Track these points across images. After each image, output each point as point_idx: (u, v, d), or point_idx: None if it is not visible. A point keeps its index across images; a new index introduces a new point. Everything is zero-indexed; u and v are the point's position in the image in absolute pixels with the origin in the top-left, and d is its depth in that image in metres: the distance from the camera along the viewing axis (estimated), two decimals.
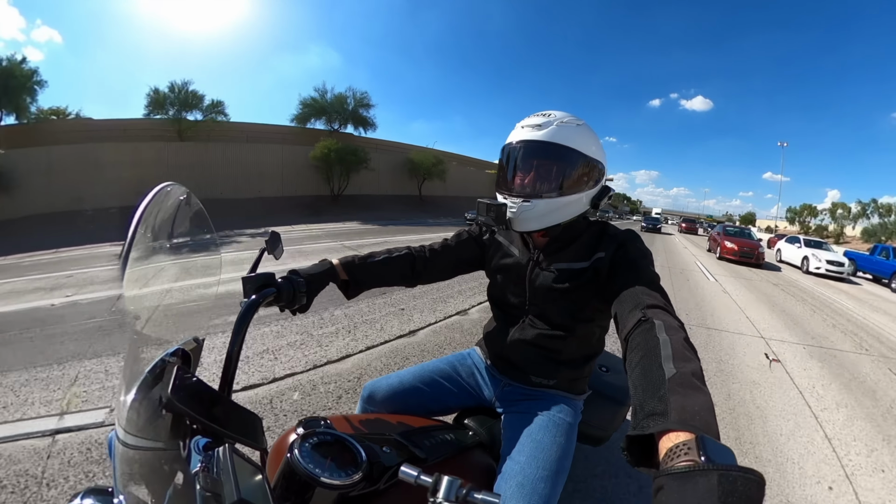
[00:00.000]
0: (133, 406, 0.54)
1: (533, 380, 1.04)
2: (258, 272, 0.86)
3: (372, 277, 1.07)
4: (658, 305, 0.70)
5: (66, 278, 5.57)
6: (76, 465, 1.72)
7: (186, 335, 0.71)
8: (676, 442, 0.42)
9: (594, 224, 1.04)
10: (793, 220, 49.98)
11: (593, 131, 0.98)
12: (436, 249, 1.16)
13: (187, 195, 0.71)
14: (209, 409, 0.58)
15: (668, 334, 0.60)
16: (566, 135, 0.92)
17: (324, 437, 0.67)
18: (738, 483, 0.35)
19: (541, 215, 0.94)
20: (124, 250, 0.54)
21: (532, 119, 0.96)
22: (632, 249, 0.92)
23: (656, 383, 0.51)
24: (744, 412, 2.70)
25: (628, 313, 0.71)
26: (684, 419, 0.44)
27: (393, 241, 9.28)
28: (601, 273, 0.92)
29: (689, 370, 0.52)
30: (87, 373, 2.58)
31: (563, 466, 0.89)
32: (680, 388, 0.49)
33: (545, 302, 1.00)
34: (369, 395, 1.10)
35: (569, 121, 0.95)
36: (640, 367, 0.56)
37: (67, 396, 2.27)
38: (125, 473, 0.52)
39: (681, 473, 0.37)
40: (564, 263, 0.98)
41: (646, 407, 0.49)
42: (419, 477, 0.59)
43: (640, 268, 0.85)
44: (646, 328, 0.63)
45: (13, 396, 2.27)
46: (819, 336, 4.90)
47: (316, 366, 2.80)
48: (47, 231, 12.04)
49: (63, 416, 2.08)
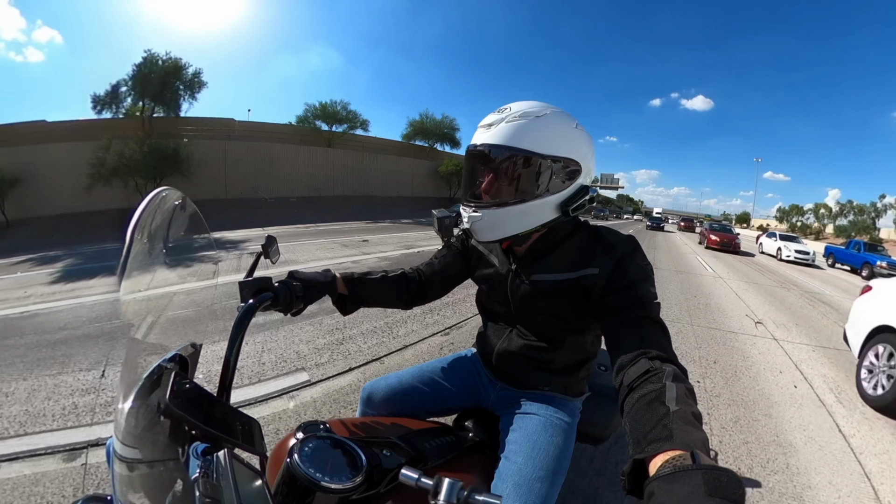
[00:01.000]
0: (131, 413, 0.53)
1: (527, 384, 1.03)
2: (255, 276, 0.86)
3: (370, 294, 1.03)
4: (664, 357, 0.66)
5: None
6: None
7: (184, 341, 0.70)
8: (670, 455, 0.44)
9: (581, 228, 0.92)
10: (781, 219, 55.88)
11: (565, 121, 0.83)
12: (423, 271, 1.12)
13: (182, 200, 0.71)
14: (207, 415, 0.57)
15: (675, 382, 0.60)
16: (517, 133, 0.79)
17: (324, 441, 0.67)
18: (722, 478, 0.37)
19: (493, 226, 0.85)
20: (122, 256, 0.54)
21: (487, 117, 0.84)
22: (632, 269, 0.80)
23: (661, 416, 0.53)
24: (715, 304, 6.06)
25: (631, 361, 0.67)
26: (685, 442, 0.46)
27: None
28: (592, 291, 0.82)
29: (689, 411, 0.53)
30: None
31: (561, 466, 0.88)
32: (683, 423, 0.50)
33: (530, 314, 0.96)
34: (368, 395, 1.09)
35: (525, 113, 0.80)
36: (643, 403, 0.57)
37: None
38: (124, 481, 0.52)
39: (668, 475, 0.40)
40: (544, 275, 0.90)
41: (650, 436, 0.51)
42: (420, 479, 0.59)
43: (640, 296, 0.77)
44: (653, 377, 0.62)
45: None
46: (751, 278, 9.53)
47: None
48: (242, 213, 14.34)
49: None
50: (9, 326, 3.71)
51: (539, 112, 0.81)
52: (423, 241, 10.15)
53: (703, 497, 0.36)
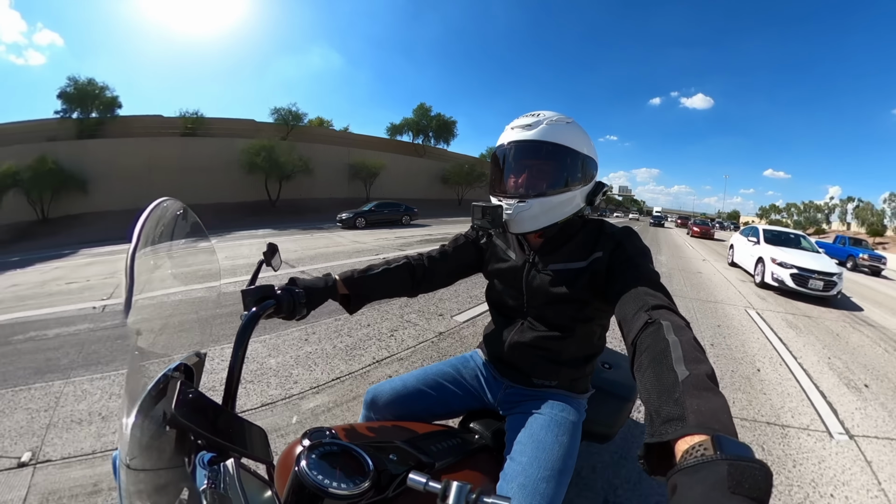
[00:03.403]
0: (136, 423, 0.53)
1: (534, 381, 1.04)
2: (257, 284, 0.86)
3: (372, 290, 1.05)
4: (663, 305, 0.69)
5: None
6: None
7: (188, 350, 0.70)
8: (692, 443, 0.41)
9: (590, 222, 1.02)
10: (761, 217, 73.53)
11: (583, 129, 0.98)
12: (434, 257, 1.15)
13: (184, 210, 0.71)
14: (213, 424, 0.57)
15: (677, 335, 0.59)
16: (556, 133, 0.92)
17: (330, 448, 0.66)
18: (747, 472, 0.35)
19: (537, 215, 0.94)
20: (127, 266, 0.54)
21: (522, 120, 0.96)
22: (630, 248, 0.91)
23: (670, 387, 0.50)
24: (690, 267, 9.77)
25: (633, 316, 0.69)
26: (701, 422, 0.44)
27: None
28: (599, 274, 0.91)
29: (702, 372, 0.51)
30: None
31: (567, 466, 0.88)
32: (695, 391, 0.48)
33: (543, 304, 0.99)
34: (372, 399, 1.09)
35: (558, 119, 0.95)
36: (651, 371, 0.55)
37: None
38: (131, 492, 0.51)
39: (692, 467, 0.37)
40: (560, 264, 0.97)
41: (662, 412, 0.48)
42: (428, 484, 0.59)
43: (639, 266, 0.84)
44: (653, 330, 0.62)
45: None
46: (713, 250, 15.48)
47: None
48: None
49: None
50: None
51: (567, 119, 0.97)
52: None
53: (726, 494, 0.34)
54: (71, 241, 14.74)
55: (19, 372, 2.79)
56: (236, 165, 23.00)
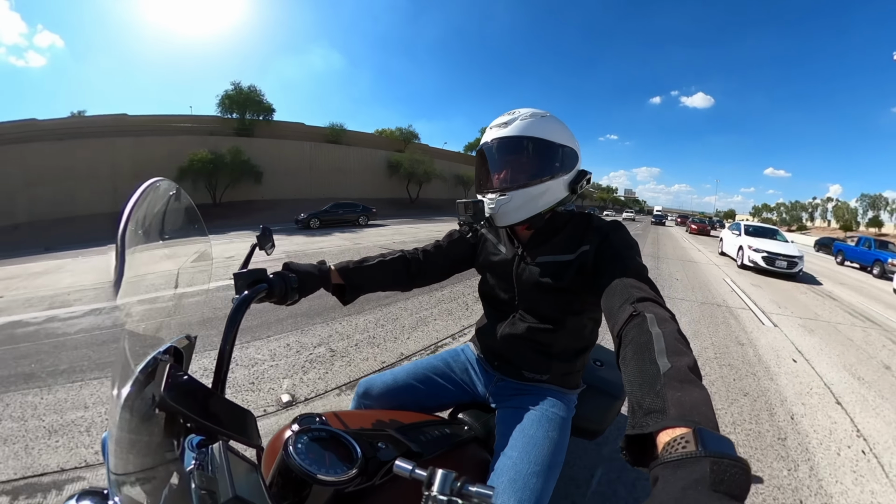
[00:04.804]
0: (126, 405, 0.53)
1: (525, 374, 1.04)
2: (250, 268, 0.85)
3: (367, 281, 1.06)
4: (648, 298, 0.69)
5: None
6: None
7: (178, 333, 0.70)
8: (674, 436, 0.41)
9: (578, 216, 1.03)
10: (754, 215, 78.72)
11: (560, 121, 1.01)
12: (429, 251, 1.16)
13: (177, 190, 0.70)
14: (202, 407, 0.57)
15: (661, 327, 0.59)
16: (531, 127, 0.95)
17: (319, 434, 0.67)
18: (728, 470, 0.35)
19: (519, 206, 0.96)
20: (117, 248, 0.53)
21: (499, 119, 1.00)
22: (616, 241, 0.91)
23: (651, 379, 0.51)
24: (686, 256, 12.23)
25: (618, 308, 0.70)
26: (682, 414, 0.44)
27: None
28: (587, 267, 0.92)
29: (684, 364, 0.51)
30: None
31: (556, 461, 0.89)
32: (676, 383, 0.48)
33: (533, 296, 1.01)
34: (364, 391, 1.10)
35: (532, 114, 0.98)
36: (634, 363, 0.56)
37: None
38: (119, 472, 0.52)
39: (674, 461, 0.37)
40: (549, 256, 0.98)
41: (643, 404, 0.48)
42: (413, 471, 0.59)
43: (625, 259, 0.84)
44: (637, 322, 0.62)
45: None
46: (707, 244, 18.14)
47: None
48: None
49: None
50: None
51: (542, 114, 0.99)
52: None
53: (707, 491, 0.34)
54: (247, 222, 16.43)
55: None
56: (379, 170, 31.56)
